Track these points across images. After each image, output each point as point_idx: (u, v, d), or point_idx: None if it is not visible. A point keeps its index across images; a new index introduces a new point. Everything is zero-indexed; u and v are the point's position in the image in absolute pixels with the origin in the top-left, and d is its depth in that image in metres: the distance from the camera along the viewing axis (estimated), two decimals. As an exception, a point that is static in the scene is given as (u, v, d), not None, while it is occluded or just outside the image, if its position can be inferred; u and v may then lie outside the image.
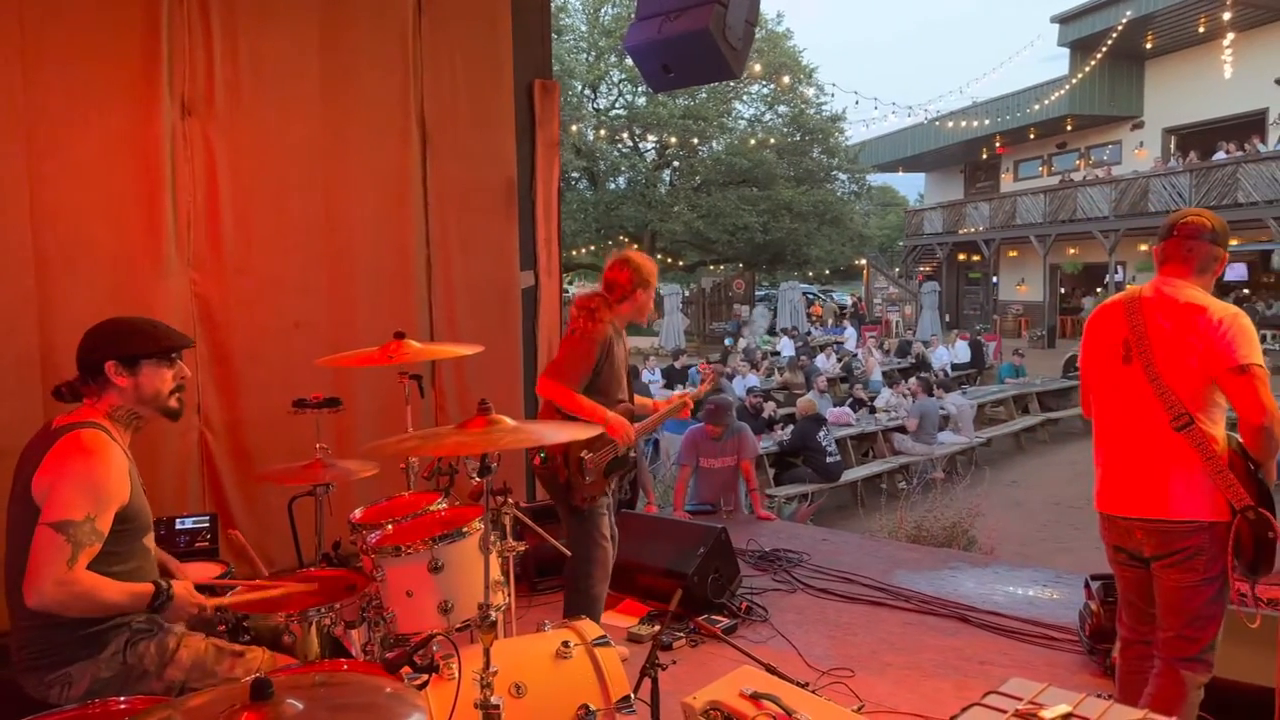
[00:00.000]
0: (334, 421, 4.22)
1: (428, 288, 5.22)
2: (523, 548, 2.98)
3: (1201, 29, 21.29)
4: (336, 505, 3.61)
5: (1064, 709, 1.87)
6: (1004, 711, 1.92)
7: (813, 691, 2.86)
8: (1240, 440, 2.62)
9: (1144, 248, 25.13)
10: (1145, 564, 2.76)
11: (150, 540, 2.50)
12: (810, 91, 29.91)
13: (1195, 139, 24.13)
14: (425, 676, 2.20)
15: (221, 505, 4.58)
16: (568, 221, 28.67)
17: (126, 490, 2.34)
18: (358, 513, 3.20)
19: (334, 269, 4.91)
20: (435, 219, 5.23)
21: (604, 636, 2.64)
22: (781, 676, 2.85)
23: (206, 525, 3.91)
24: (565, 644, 2.56)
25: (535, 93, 5.68)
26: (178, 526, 3.87)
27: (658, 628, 4.18)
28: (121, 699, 2.10)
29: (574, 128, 27.19)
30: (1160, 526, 2.64)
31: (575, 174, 31.18)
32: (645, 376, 14.38)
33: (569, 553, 3.60)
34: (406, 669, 2.19)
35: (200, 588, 2.46)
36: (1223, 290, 22.79)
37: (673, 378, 15.25)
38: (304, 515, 3.72)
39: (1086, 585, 4.15)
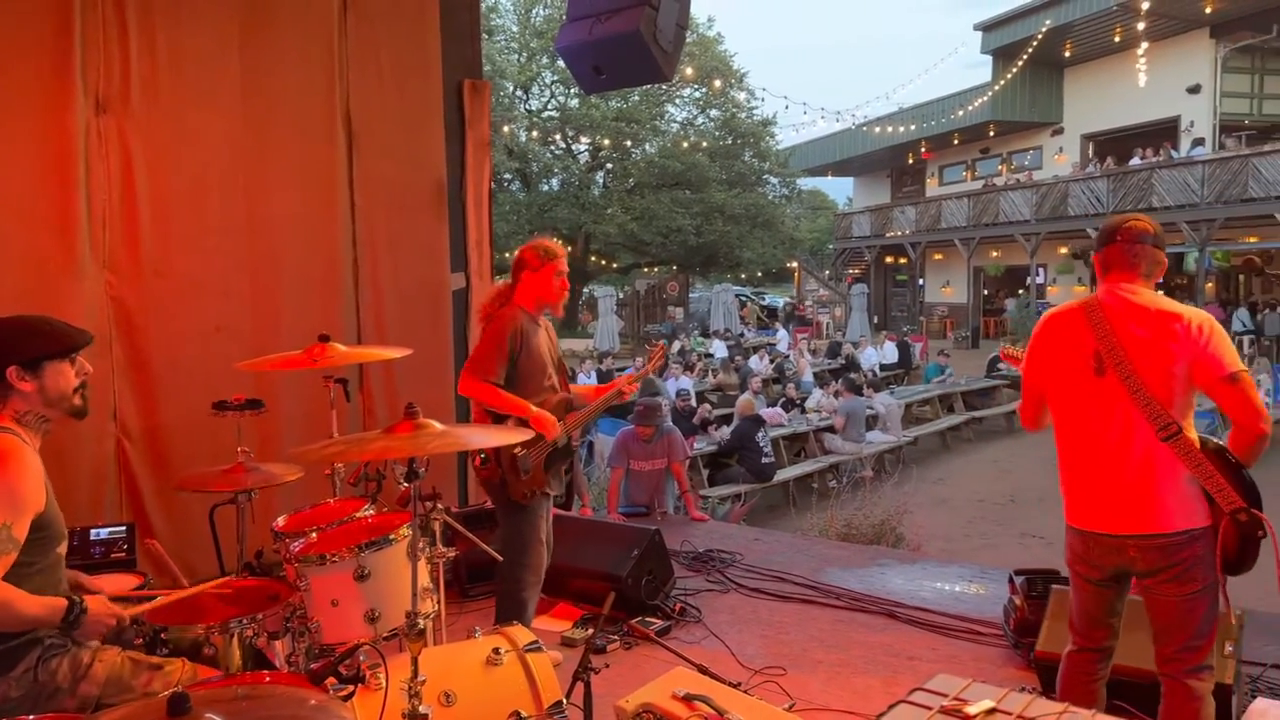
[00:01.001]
0: (257, 427, 4.12)
1: (355, 290, 5.12)
2: (453, 554, 2.94)
3: (1117, 38, 22.07)
4: (260, 513, 3.52)
5: (988, 704, 1.91)
6: (929, 708, 1.95)
7: (745, 691, 2.88)
8: (1217, 441, 2.61)
9: (1064, 250, 25.94)
10: (1119, 581, 2.72)
11: (63, 549, 2.41)
12: (741, 96, 30.23)
13: (1112, 145, 24.96)
14: (351, 687, 2.15)
15: (140, 514, 4.43)
16: (500, 223, 28.46)
17: (43, 497, 2.26)
18: (281, 520, 3.11)
19: (257, 271, 4.80)
20: (362, 220, 5.14)
21: (535, 642, 2.62)
22: (714, 677, 2.86)
23: (123, 535, 3.78)
24: (496, 650, 2.53)
25: (465, 92, 5.63)
26: (92, 537, 3.73)
27: (591, 631, 4.17)
28: (30, 719, 2.02)
29: (506, 129, 27.03)
30: (1157, 542, 2.56)
31: (508, 175, 31.00)
32: (580, 380, 14.32)
33: (500, 558, 3.55)
34: (331, 680, 2.14)
35: (116, 600, 2.38)
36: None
37: (607, 381, 15.22)
38: (226, 524, 3.61)
39: (1010, 580, 4.24)
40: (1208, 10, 21.10)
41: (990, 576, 5.20)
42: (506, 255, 27.14)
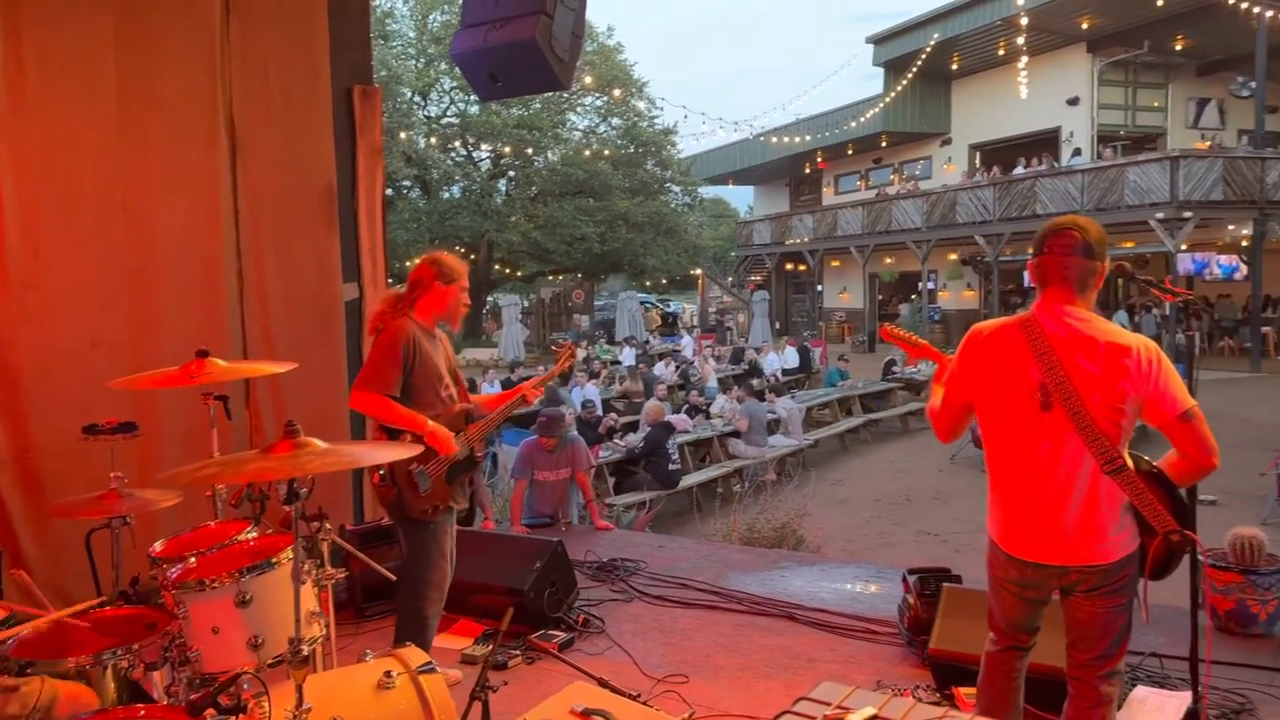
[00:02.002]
0: (134, 448, 3.92)
1: (240, 302, 4.93)
2: (342, 575, 2.85)
3: (1001, 52, 22.99)
4: (140, 537, 3.35)
5: (870, 711, 1.94)
6: (813, 718, 1.97)
7: (644, 702, 2.87)
8: (1149, 461, 2.62)
9: (953, 257, 26.84)
10: (1050, 595, 2.74)
11: None
12: (642, 105, 30.41)
13: (997, 155, 25.95)
14: (232, 718, 2.06)
15: (10, 542, 4.17)
16: (400, 231, 27.97)
17: None
18: (158, 545, 2.98)
19: (135, 283, 4.57)
20: (247, 229, 4.96)
21: (429, 663, 2.56)
22: (613, 689, 2.84)
23: (-13, 566, 3.55)
24: (388, 674, 2.46)
25: (355, 98, 5.49)
26: (-47, 569, 3.50)
27: (490, 648, 4.10)
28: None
29: (403, 135, 26.57)
30: (1102, 569, 2.58)
31: (406, 182, 30.48)
32: (484, 390, 14.16)
33: (393, 577, 3.46)
34: (211, 711, 2.05)
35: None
36: (1023, 294, 24.65)
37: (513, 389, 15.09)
38: (103, 550, 3.43)
39: (904, 579, 4.34)
40: (1084, 26, 22.21)
41: (886, 576, 5.32)
42: (407, 264, 26.70)
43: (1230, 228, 19.77)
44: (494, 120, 28.10)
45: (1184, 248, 19.25)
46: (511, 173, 31.58)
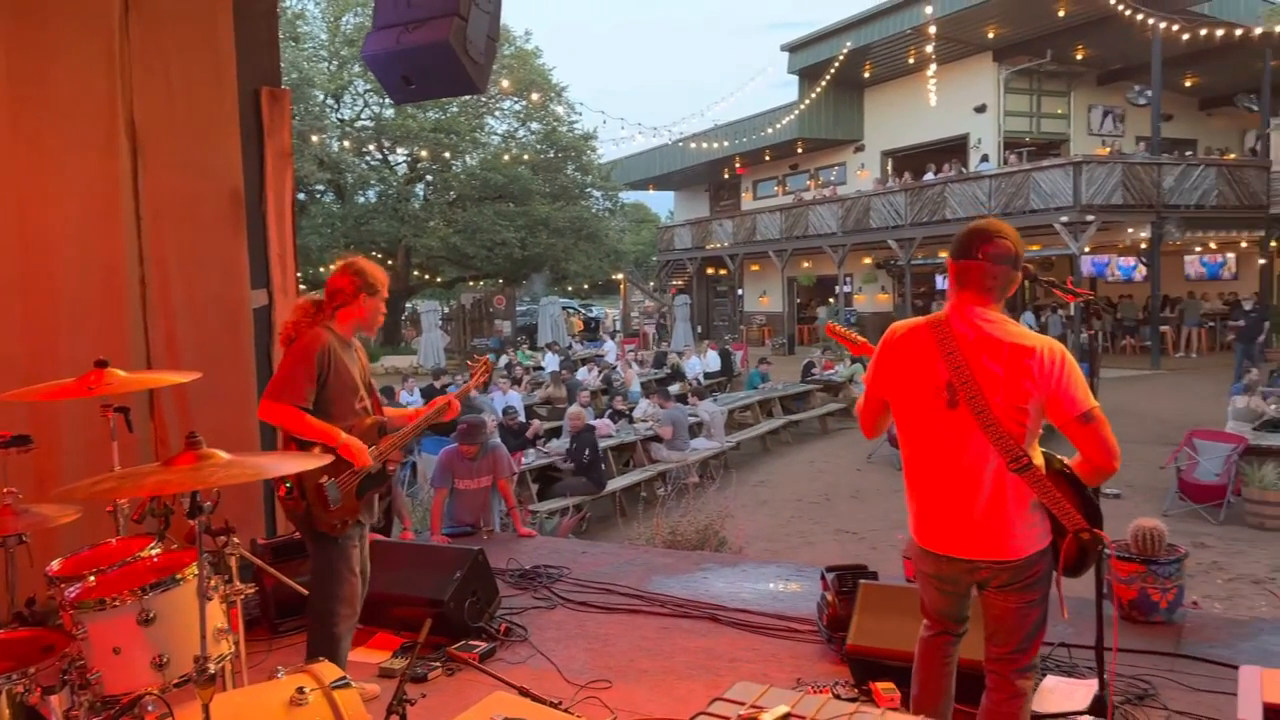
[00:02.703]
0: (30, 462, 3.75)
1: (142, 310, 4.75)
2: (252, 590, 2.77)
3: (911, 60, 23.55)
4: (36, 556, 3.20)
5: (783, 709, 1.96)
6: (727, 718, 1.98)
7: (566, 709, 2.84)
8: (1061, 460, 2.70)
9: (868, 260, 27.43)
10: (966, 590, 2.81)
11: None
12: (561, 110, 30.33)
13: (909, 161, 26.60)
14: (134, 742, 1.98)
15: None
16: (313, 236, 27.39)
17: None
18: (56, 564, 2.85)
19: (29, 292, 4.37)
20: (150, 234, 4.79)
21: (343, 678, 2.49)
22: (534, 698, 2.81)
23: None
24: (300, 690, 2.38)
25: (263, 100, 5.35)
26: None
27: (408, 661, 4.03)
28: None
29: (315, 138, 25.99)
30: (1010, 565, 2.64)
31: (320, 187, 29.86)
32: (404, 398, 13.93)
33: (305, 592, 3.36)
34: (110, 736, 1.97)
35: None
36: (934, 296, 25.30)
37: (434, 398, 14.87)
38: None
39: (822, 577, 4.40)
40: (990, 35, 22.92)
41: (806, 574, 5.38)
42: (321, 270, 26.16)
43: (1130, 230, 20.60)
44: (410, 124, 27.70)
45: (1087, 250, 19.98)
46: (429, 177, 31.18)
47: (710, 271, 33.64)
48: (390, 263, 30.82)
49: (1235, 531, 9.14)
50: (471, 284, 34.40)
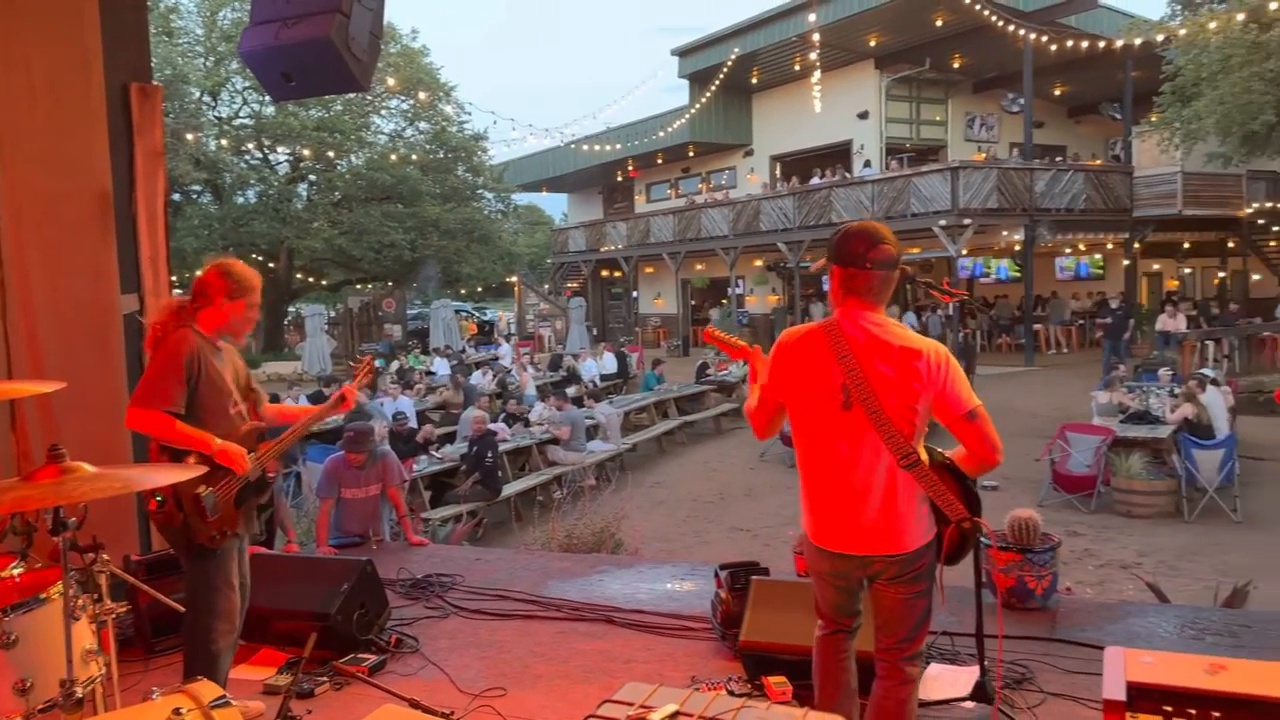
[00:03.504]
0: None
1: (2, 315, 4.47)
2: (124, 609, 2.63)
3: (797, 67, 24.06)
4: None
5: (671, 708, 1.97)
6: (617, 719, 1.98)
7: (458, 719, 2.79)
8: (942, 454, 2.82)
9: (759, 263, 27.93)
10: (860, 585, 2.88)
11: None
12: (449, 109, 29.87)
13: (796, 165, 27.19)
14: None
15: None
16: (189, 238, 26.33)
17: None
18: (-98, 590, 2.65)
19: None
20: (10, 235, 4.51)
21: (223, 697, 2.38)
22: (425, 709, 2.75)
23: None
24: (177, 711, 2.27)
25: (133, 97, 5.09)
26: None
27: (292, 677, 3.90)
28: None
29: (191, 137, 24.95)
30: (901, 558, 2.75)
31: (196, 187, 28.69)
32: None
33: (181, 609, 3.21)
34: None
35: None
36: (821, 297, 25.93)
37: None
38: None
39: (716, 575, 4.45)
40: (872, 44, 23.64)
41: (700, 573, 5.43)
42: (198, 273, 25.10)
43: (1004, 233, 21.53)
44: (292, 122, 26.83)
45: (964, 252, 20.80)
46: (312, 177, 30.29)
47: (605, 274, 33.71)
48: (272, 265, 29.84)
49: (1105, 519, 9.65)
50: (359, 287, 33.56)
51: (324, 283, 33.61)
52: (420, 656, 4.32)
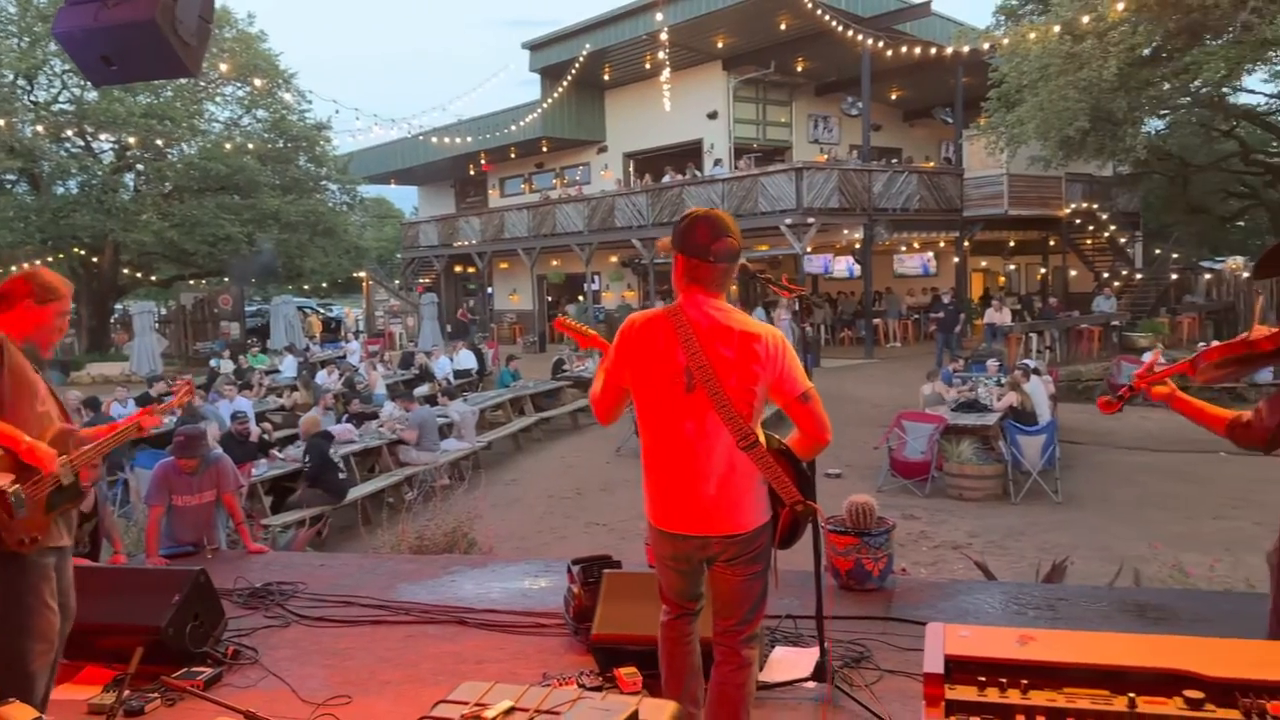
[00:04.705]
0: None
1: None
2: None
3: (648, 65, 24.34)
4: None
5: (507, 704, 1.97)
6: (450, 719, 1.96)
7: (298, 730, 2.69)
8: (778, 439, 2.91)
9: (614, 259, 28.10)
10: (701, 567, 2.94)
11: None
12: (289, 97, 28.64)
13: (648, 163, 27.47)
14: None
15: None
16: (3, 231, 24.40)
17: None
18: None
19: None
20: None
21: (38, 719, 2.23)
22: (261, 722, 2.64)
23: None
24: (-21, 741, 2.11)
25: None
26: None
27: (126, 693, 3.68)
28: None
29: (3, 122, 23.05)
30: (740, 538, 2.82)
31: (10, 176, 26.55)
32: (115, 411, 12.69)
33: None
34: None
35: None
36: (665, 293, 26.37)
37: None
38: None
39: (569, 570, 4.45)
40: (720, 45, 24.14)
41: (554, 569, 5.42)
42: (13, 268, 23.26)
43: (845, 232, 22.41)
44: (117, 108, 25.11)
45: (809, 250, 21.53)
46: (140, 166, 28.45)
47: (458, 269, 33.16)
48: (96, 260, 27.94)
49: (939, 503, 10.21)
50: (193, 283, 31.76)
51: (154, 278, 31.68)
52: (260, 667, 4.14)
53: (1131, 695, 1.81)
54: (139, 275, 30.67)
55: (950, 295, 21.09)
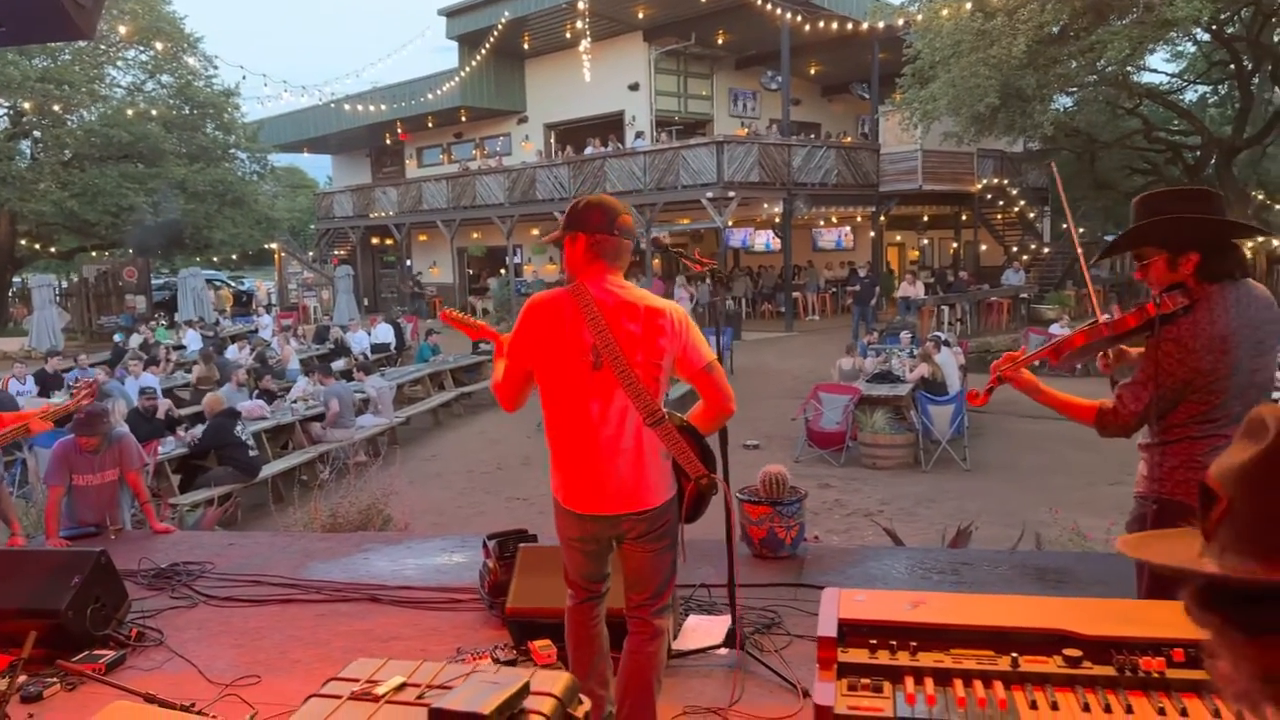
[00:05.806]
0: None
1: None
2: None
3: (569, 35, 24.05)
4: None
5: (398, 680, 1.97)
6: (339, 697, 1.95)
7: (200, 711, 2.65)
8: (681, 418, 2.94)
9: (535, 231, 27.83)
10: (613, 543, 2.95)
11: None
12: (194, 62, 27.53)
13: (570, 134, 27.26)
14: None
15: None
16: (-114, 201, 23.07)
17: None
18: None
19: None
20: None
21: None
22: (161, 703, 2.59)
23: None
24: None
25: None
26: None
27: (22, 679, 3.56)
28: None
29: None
30: (648, 514, 2.84)
31: (-107, 141, 25.10)
32: (14, 387, 12.18)
33: None
34: None
35: None
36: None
37: (48, 384, 13.10)
38: None
39: (484, 545, 4.44)
40: (640, 16, 23.98)
41: (470, 545, 5.41)
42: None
43: (765, 206, 22.61)
44: (11, 71, 23.85)
45: (730, 224, 21.69)
46: (37, 133, 27.14)
47: (375, 241, 32.47)
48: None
49: (854, 472, 10.45)
50: (95, 254, 30.49)
51: (54, 250, 30.34)
52: (165, 649, 4.06)
53: (1014, 655, 1.89)
54: (38, 247, 29.34)
55: (866, 269, 21.47)
